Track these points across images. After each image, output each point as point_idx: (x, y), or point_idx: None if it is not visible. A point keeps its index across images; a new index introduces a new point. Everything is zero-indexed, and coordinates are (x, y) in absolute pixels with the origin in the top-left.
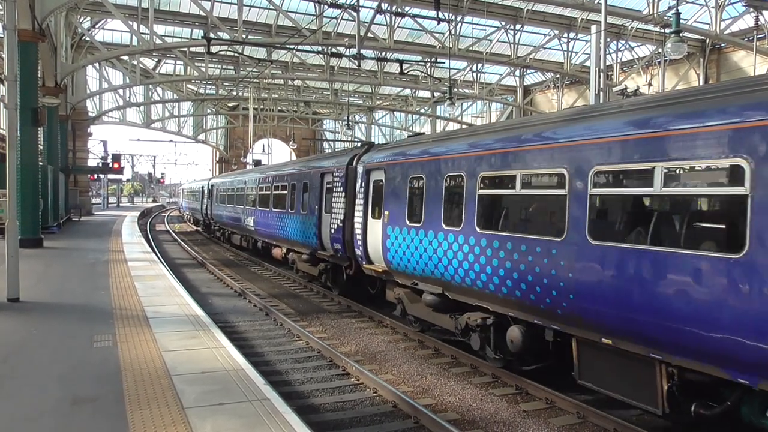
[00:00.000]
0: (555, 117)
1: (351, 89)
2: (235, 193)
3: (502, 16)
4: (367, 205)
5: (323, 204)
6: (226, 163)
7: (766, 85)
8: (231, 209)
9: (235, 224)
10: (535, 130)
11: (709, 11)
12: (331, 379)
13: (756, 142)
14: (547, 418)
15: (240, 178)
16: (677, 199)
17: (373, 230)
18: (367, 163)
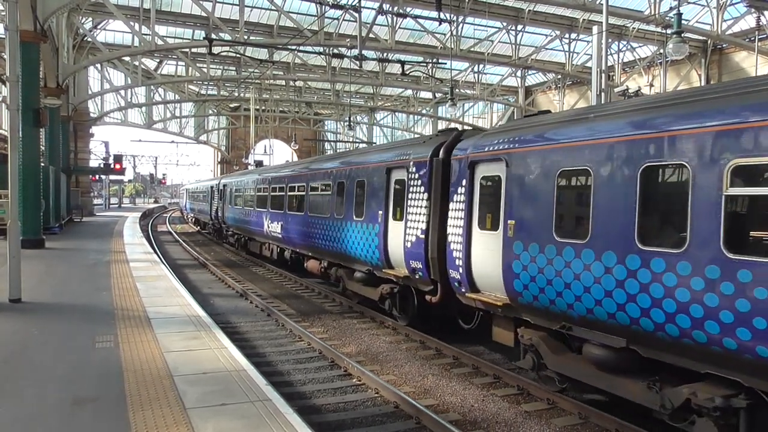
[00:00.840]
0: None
1: (352, 90)
2: (255, 194)
3: (504, 16)
4: (471, 211)
5: (390, 208)
6: (228, 163)
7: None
8: (250, 213)
9: (254, 230)
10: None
11: (711, 12)
12: (332, 379)
13: None
14: (548, 419)
15: (261, 177)
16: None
17: (484, 246)
18: (473, 153)
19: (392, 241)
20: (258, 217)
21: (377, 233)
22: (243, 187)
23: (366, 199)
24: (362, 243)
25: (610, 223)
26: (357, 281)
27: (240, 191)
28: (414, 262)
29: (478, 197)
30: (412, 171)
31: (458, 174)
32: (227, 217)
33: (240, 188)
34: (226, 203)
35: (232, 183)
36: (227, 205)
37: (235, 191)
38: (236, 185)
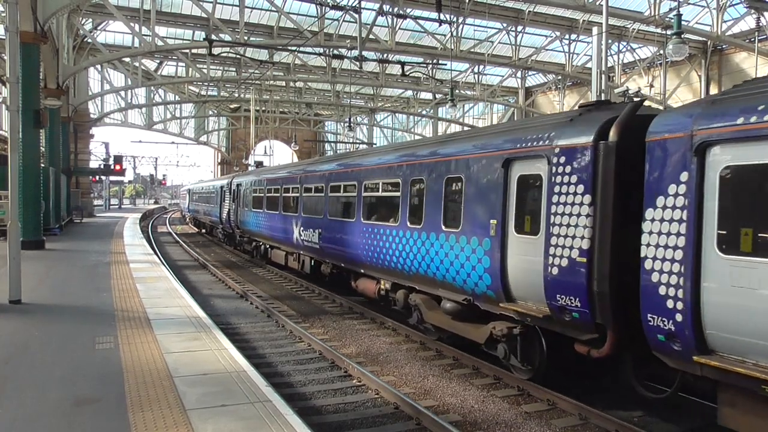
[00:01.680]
0: None
1: (353, 91)
2: (281, 195)
3: (504, 17)
4: (701, 222)
5: (512, 216)
6: (228, 164)
7: None
8: (273, 217)
9: (278, 237)
10: None
11: (711, 13)
12: (332, 380)
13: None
14: (548, 420)
15: (289, 174)
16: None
17: (740, 280)
18: (703, 128)
19: (515, 262)
20: (285, 222)
21: (486, 251)
22: (263, 187)
23: (465, 204)
24: (457, 262)
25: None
26: (445, 313)
27: (259, 191)
28: (564, 296)
29: (718, 200)
30: (557, 162)
31: (665, 164)
32: (243, 222)
33: (259, 188)
34: (241, 205)
35: (248, 182)
36: (242, 208)
37: (253, 192)
38: (254, 185)
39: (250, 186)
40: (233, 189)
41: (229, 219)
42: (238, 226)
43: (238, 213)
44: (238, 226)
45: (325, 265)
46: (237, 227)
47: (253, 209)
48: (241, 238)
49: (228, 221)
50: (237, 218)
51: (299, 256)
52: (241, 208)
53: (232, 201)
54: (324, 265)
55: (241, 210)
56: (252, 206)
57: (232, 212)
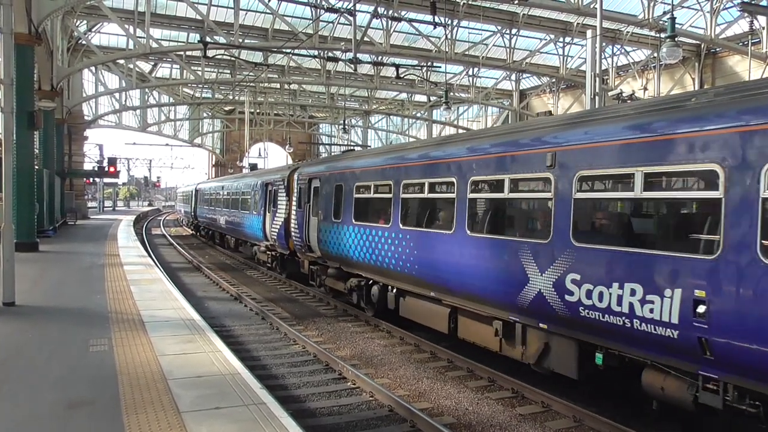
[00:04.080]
0: None
1: (347, 93)
2: (417, 198)
3: (498, 20)
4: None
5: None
6: (222, 166)
7: None
8: (406, 237)
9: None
10: None
11: (704, 16)
12: (327, 383)
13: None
14: (543, 422)
15: (422, 158)
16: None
17: None
18: None
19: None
20: (442, 242)
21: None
22: (375, 180)
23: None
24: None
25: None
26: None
27: (367, 188)
28: None
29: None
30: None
31: None
32: (324, 242)
33: (366, 181)
34: (316, 215)
35: (337, 177)
36: (318, 219)
37: (357, 190)
38: (353, 179)
39: (339, 182)
40: (298, 187)
41: (286, 234)
42: (312, 246)
43: (309, 227)
44: (312, 246)
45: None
46: (307, 249)
47: (354, 225)
48: (320, 272)
49: (281, 237)
50: (306, 234)
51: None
52: (316, 218)
53: (296, 207)
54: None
55: (317, 223)
56: (352, 219)
57: (296, 225)
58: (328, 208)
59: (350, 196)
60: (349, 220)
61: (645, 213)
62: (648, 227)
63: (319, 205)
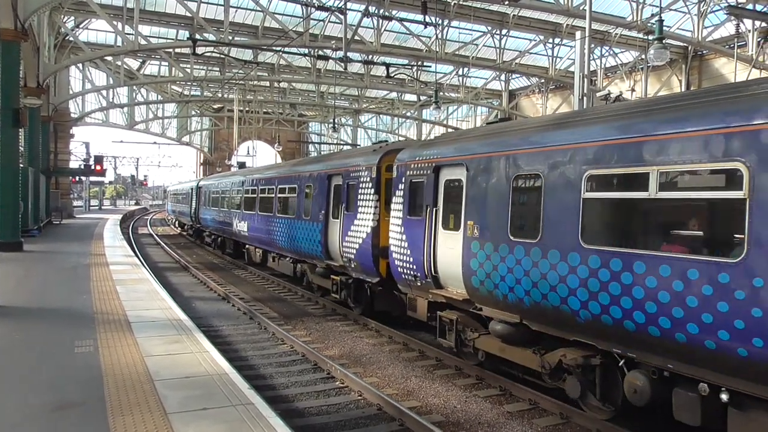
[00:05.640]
0: None
1: (337, 92)
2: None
3: (489, 21)
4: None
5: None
6: (210, 165)
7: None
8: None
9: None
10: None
11: (692, 19)
12: (315, 382)
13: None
14: (530, 419)
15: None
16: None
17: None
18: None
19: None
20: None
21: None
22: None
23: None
24: None
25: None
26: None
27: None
28: None
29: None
30: None
31: None
32: (483, 272)
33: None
34: (463, 227)
35: (529, 160)
36: (470, 234)
37: (557, 186)
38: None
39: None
40: (417, 182)
41: (418, 258)
42: (488, 286)
43: (489, 253)
44: (488, 286)
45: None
46: (480, 288)
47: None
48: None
49: (397, 261)
50: (488, 265)
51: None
52: (507, 237)
53: (416, 211)
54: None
55: (502, 243)
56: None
57: (430, 243)
58: (500, 219)
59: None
60: (574, 242)
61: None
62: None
63: (469, 212)
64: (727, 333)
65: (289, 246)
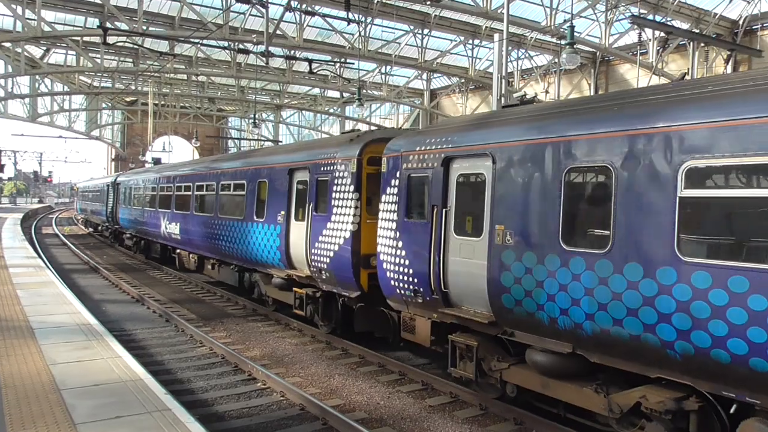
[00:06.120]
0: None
1: (258, 87)
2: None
3: (411, 20)
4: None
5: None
6: (123, 161)
7: None
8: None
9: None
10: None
11: (600, 26)
12: (236, 384)
13: None
14: (451, 412)
15: None
16: None
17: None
18: None
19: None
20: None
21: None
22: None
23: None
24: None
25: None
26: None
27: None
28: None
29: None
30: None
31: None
32: (516, 292)
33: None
34: (482, 232)
35: (583, 149)
36: (498, 241)
37: (637, 182)
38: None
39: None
40: (418, 177)
41: (423, 270)
42: (524, 306)
43: (530, 266)
44: (524, 306)
45: None
46: (511, 310)
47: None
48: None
49: (390, 273)
50: (526, 281)
51: None
52: (560, 246)
53: (422, 214)
54: None
55: (557, 253)
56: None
57: (440, 252)
58: (547, 223)
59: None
60: (667, 253)
61: None
62: None
63: (498, 214)
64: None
65: (235, 252)
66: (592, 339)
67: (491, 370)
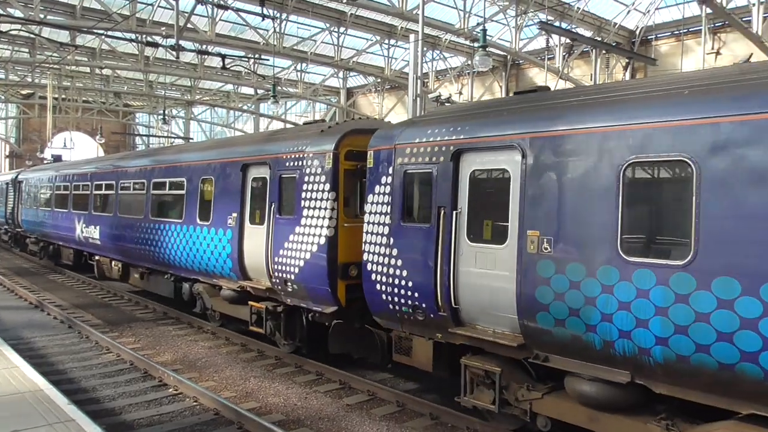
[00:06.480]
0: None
1: (168, 82)
2: None
3: (327, 17)
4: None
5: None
6: (19, 158)
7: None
8: None
9: None
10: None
11: (510, 31)
12: (146, 391)
13: None
14: (369, 410)
15: None
16: None
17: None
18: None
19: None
20: None
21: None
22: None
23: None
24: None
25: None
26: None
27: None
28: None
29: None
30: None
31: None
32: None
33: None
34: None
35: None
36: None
37: (731, 180)
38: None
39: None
40: (426, 172)
41: (432, 282)
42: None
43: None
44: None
45: None
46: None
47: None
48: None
49: (385, 287)
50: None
51: None
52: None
53: (428, 217)
54: None
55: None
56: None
57: (450, 262)
58: (600, 228)
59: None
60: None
61: None
62: None
63: (531, 218)
64: None
65: (172, 260)
66: (663, 367)
67: (518, 400)
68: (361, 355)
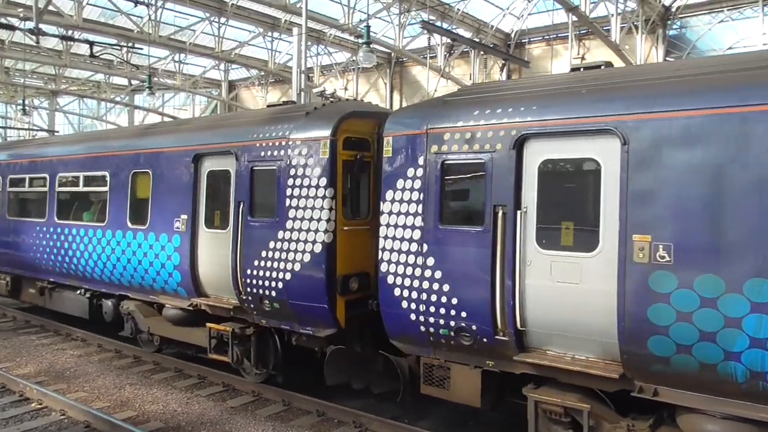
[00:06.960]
0: None
1: (28, 69)
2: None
3: (206, 7)
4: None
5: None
6: None
7: None
8: None
9: None
10: None
11: (394, 28)
12: (4, 408)
13: None
14: (254, 411)
15: None
16: None
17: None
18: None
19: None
20: None
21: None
22: None
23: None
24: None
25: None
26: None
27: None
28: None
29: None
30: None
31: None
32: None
33: None
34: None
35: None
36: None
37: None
38: None
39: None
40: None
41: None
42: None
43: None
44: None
45: None
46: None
47: None
48: None
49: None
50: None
51: None
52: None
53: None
54: None
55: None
56: None
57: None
58: (745, 234)
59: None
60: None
61: None
62: None
63: (638, 219)
64: None
65: (89, 272)
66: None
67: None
68: (365, 385)
